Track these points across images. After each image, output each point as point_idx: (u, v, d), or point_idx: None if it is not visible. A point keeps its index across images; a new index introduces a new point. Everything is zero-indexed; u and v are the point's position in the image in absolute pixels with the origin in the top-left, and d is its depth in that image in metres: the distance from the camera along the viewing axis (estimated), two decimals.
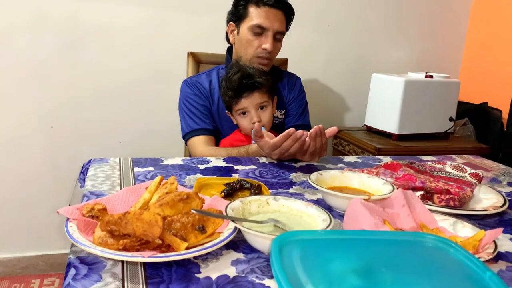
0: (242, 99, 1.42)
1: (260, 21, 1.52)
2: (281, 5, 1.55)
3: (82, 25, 1.96)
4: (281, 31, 1.56)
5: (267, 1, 1.52)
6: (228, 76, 1.45)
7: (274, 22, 1.52)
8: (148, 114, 2.12)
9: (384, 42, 2.41)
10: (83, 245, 0.65)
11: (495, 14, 2.33)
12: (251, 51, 1.54)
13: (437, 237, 0.61)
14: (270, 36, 1.52)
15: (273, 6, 1.53)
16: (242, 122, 1.46)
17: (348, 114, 2.43)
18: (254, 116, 1.43)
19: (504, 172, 1.32)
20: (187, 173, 1.11)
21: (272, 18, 1.52)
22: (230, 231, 0.71)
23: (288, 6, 1.58)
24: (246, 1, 1.55)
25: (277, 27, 1.53)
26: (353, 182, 0.99)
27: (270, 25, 1.52)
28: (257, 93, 1.42)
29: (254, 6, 1.53)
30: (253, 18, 1.53)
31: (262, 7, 1.52)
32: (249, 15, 1.54)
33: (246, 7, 1.55)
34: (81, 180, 1.12)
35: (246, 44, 1.55)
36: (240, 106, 1.43)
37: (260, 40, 1.53)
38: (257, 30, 1.52)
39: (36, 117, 2.00)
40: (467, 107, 2.30)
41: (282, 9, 1.55)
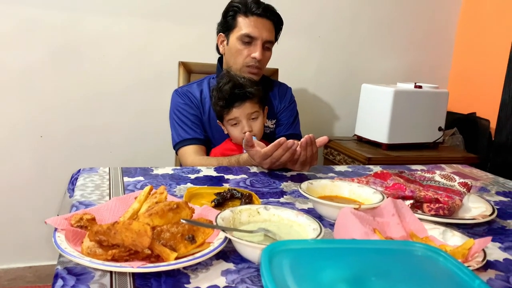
0: (233, 109, 1.42)
1: (248, 30, 1.53)
2: (269, 15, 1.56)
3: (73, 34, 1.96)
4: (270, 40, 1.57)
5: (255, 10, 1.53)
6: (219, 86, 1.45)
7: (262, 31, 1.53)
8: (139, 123, 2.12)
9: (374, 53, 2.43)
10: (71, 255, 0.64)
11: (482, 25, 2.37)
12: (240, 60, 1.55)
13: (426, 246, 0.61)
14: (259, 45, 1.53)
15: (262, 16, 1.54)
16: (233, 132, 1.46)
17: (339, 123, 2.45)
18: (245, 125, 1.43)
19: (493, 181, 1.34)
20: (177, 183, 1.11)
21: (260, 27, 1.53)
22: (220, 241, 0.71)
23: (276, 15, 1.59)
24: (235, 12, 1.56)
25: (265, 36, 1.54)
26: (343, 191, 0.99)
27: (258, 34, 1.53)
28: (248, 103, 1.43)
29: (242, 16, 1.54)
30: (242, 27, 1.54)
31: (250, 16, 1.53)
32: (238, 25, 1.55)
33: (234, 17, 1.56)
34: (70, 190, 1.11)
35: (235, 53, 1.56)
36: (231, 116, 1.43)
37: (249, 49, 1.54)
38: (246, 39, 1.53)
39: (25, 126, 1.98)
40: (456, 117, 2.33)
41: (270, 19, 1.56)
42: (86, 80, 2.02)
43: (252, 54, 1.53)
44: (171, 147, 1.59)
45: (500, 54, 2.13)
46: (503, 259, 0.79)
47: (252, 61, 1.54)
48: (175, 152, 1.58)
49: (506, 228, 0.94)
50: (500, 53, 2.14)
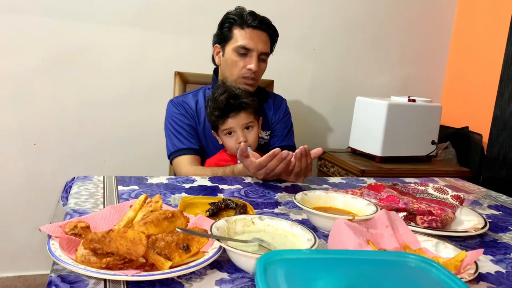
0: (229, 119, 1.43)
1: (244, 42, 1.54)
2: (265, 27, 1.58)
3: (68, 43, 1.97)
4: (266, 52, 1.59)
5: (251, 22, 1.55)
6: (214, 96, 1.46)
7: (258, 43, 1.55)
8: (134, 132, 2.12)
9: (368, 66, 2.46)
10: (65, 263, 0.64)
11: (475, 40, 2.41)
12: (236, 71, 1.56)
13: (419, 257, 0.62)
14: (255, 57, 1.55)
15: (257, 28, 1.56)
16: (228, 142, 1.46)
17: (333, 136, 2.46)
18: (240, 136, 1.43)
19: (485, 195, 1.35)
20: (172, 192, 1.11)
21: (256, 39, 1.55)
22: (215, 251, 0.71)
23: (272, 27, 1.61)
24: (231, 23, 1.57)
25: (261, 48, 1.56)
26: (337, 203, 0.99)
27: (254, 46, 1.55)
28: (243, 114, 1.44)
29: (238, 28, 1.56)
30: (238, 39, 1.55)
31: (246, 28, 1.55)
32: (234, 37, 1.56)
33: (230, 29, 1.57)
34: (63, 198, 1.11)
35: (231, 65, 1.57)
36: (227, 126, 1.44)
37: (245, 61, 1.55)
38: (241, 51, 1.55)
39: (18, 134, 1.97)
40: (449, 131, 2.35)
41: (266, 31, 1.58)
42: (81, 89, 2.02)
43: (247, 65, 1.55)
44: (165, 157, 1.59)
45: (493, 69, 2.16)
46: (494, 271, 0.79)
47: (248, 73, 1.56)
48: (170, 162, 1.58)
49: (498, 241, 0.95)
50: (493, 68, 2.17)
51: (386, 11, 2.42)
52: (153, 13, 2.05)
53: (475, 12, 2.42)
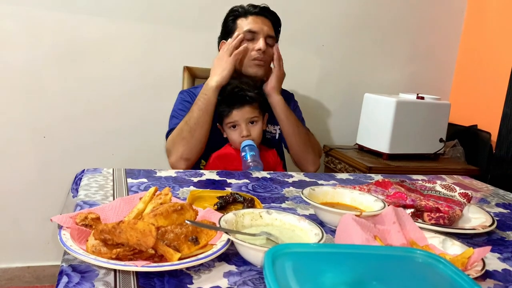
0: (233, 112, 1.45)
1: (249, 26, 1.57)
2: (267, 13, 1.61)
3: (77, 36, 1.98)
4: (271, 35, 1.60)
5: (253, 10, 1.60)
6: (222, 89, 1.48)
7: (263, 26, 1.58)
8: (142, 127, 2.13)
9: (377, 63, 2.45)
10: (76, 253, 0.65)
11: (485, 38, 2.39)
12: (246, 56, 1.57)
13: (427, 253, 0.62)
14: (262, 38, 1.56)
15: (259, 14, 1.60)
16: (232, 135, 1.47)
17: (340, 132, 2.46)
18: (243, 129, 1.45)
19: (493, 193, 1.35)
20: (181, 186, 1.12)
21: (260, 23, 1.58)
22: (223, 243, 0.72)
23: (273, 14, 1.63)
24: (235, 16, 1.61)
25: (266, 31, 1.58)
26: (345, 198, 1.00)
27: (259, 28, 1.57)
28: (248, 107, 1.45)
29: (241, 18, 1.60)
30: (243, 26, 1.58)
31: (249, 16, 1.59)
32: (239, 26, 1.59)
33: (234, 21, 1.61)
34: (73, 190, 1.12)
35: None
36: (231, 119, 1.45)
37: (252, 44, 1.57)
38: (248, 35, 1.57)
39: (28, 127, 1.99)
40: (457, 129, 2.34)
41: (268, 17, 1.61)
42: (90, 83, 2.03)
43: (256, 47, 1.56)
44: None
45: (503, 68, 2.15)
46: (501, 269, 0.79)
47: (257, 54, 1.56)
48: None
49: (505, 240, 0.95)
50: (503, 67, 2.15)
51: (395, 7, 2.40)
52: (162, 8, 2.06)
53: (485, 10, 2.40)
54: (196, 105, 1.48)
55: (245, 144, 1.42)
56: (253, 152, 1.39)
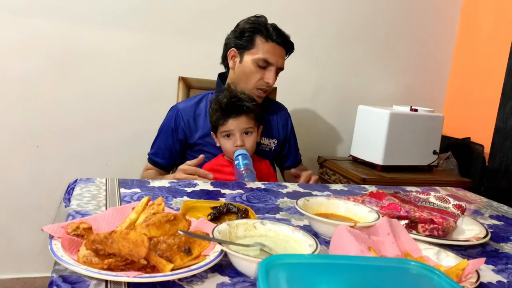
0: (229, 120, 1.44)
1: (267, 56, 1.55)
2: (286, 44, 1.60)
3: (72, 46, 1.98)
4: (282, 68, 1.62)
5: (276, 38, 1.56)
6: (218, 98, 1.47)
7: (279, 59, 1.58)
8: (137, 137, 2.12)
9: (371, 75, 2.47)
10: (67, 263, 0.64)
11: (478, 50, 2.42)
12: (253, 82, 1.57)
13: (421, 264, 0.62)
14: (273, 71, 1.57)
15: (280, 44, 1.57)
16: (226, 144, 1.47)
17: (335, 144, 2.46)
18: (238, 139, 1.44)
19: (486, 205, 1.35)
20: (174, 196, 1.11)
21: (278, 55, 1.57)
22: (216, 254, 0.71)
23: (292, 46, 1.63)
24: (253, 32, 1.56)
25: (280, 64, 1.59)
26: (339, 209, 0.99)
27: (275, 61, 1.56)
28: (244, 117, 1.45)
29: (262, 40, 1.56)
30: (260, 51, 1.55)
31: (270, 42, 1.56)
32: (256, 47, 1.56)
33: (253, 38, 1.56)
34: (66, 199, 1.11)
35: (249, 74, 1.57)
36: (226, 127, 1.45)
37: (263, 73, 1.56)
38: (262, 64, 1.56)
39: (21, 136, 1.98)
40: (450, 141, 2.35)
41: (286, 48, 1.61)
42: (85, 92, 2.03)
43: (265, 79, 1.56)
44: None
45: (495, 80, 2.17)
46: (496, 281, 0.79)
47: (264, 85, 1.58)
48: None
49: (499, 251, 0.95)
50: (495, 79, 2.17)
51: (389, 20, 2.43)
52: (158, 18, 2.07)
53: (478, 23, 2.44)
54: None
55: (239, 153, 1.41)
56: (246, 161, 1.38)
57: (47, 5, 1.91)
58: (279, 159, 1.76)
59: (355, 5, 2.36)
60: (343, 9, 2.34)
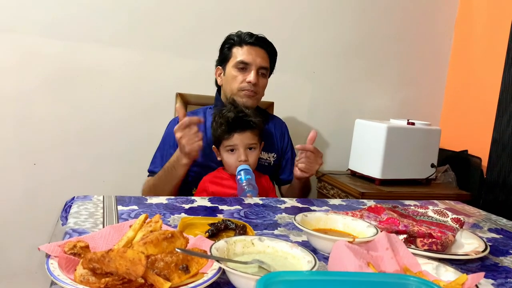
0: (235, 135, 1.44)
1: (243, 57, 1.60)
2: (262, 43, 1.64)
3: (69, 63, 1.99)
4: (264, 66, 1.63)
5: (248, 40, 1.61)
6: (222, 112, 1.48)
7: (256, 58, 1.60)
8: (134, 153, 2.12)
9: (367, 89, 2.48)
10: (64, 283, 0.63)
11: (473, 63, 2.44)
12: (235, 85, 1.60)
13: (420, 280, 0.62)
14: (254, 70, 1.59)
15: (254, 44, 1.62)
16: (228, 159, 1.46)
17: (332, 158, 2.46)
18: (242, 154, 1.44)
19: (485, 218, 1.35)
20: (171, 213, 1.10)
21: (254, 54, 1.61)
22: (214, 272, 0.71)
23: (269, 44, 1.66)
24: (230, 44, 1.64)
25: (259, 62, 1.61)
26: (337, 225, 0.99)
27: (252, 60, 1.60)
28: (249, 133, 1.45)
29: (237, 47, 1.63)
30: (237, 56, 1.61)
31: (244, 46, 1.62)
32: (233, 55, 1.62)
33: (230, 49, 1.64)
34: (63, 217, 1.11)
35: (231, 80, 1.61)
36: (231, 142, 1.44)
37: (244, 75, 1.60)
38: (240, 65, 1.60)
39: (18, 153, 1.97)
40: (448, 154, 2.35)
41: (263, 47, 1.64)
42: (82, 109, 2.03)
43: (246, 79, 1.58)
44: None
45: (491, 93, 2.18)
46: None
47: (247, 86, 1.59)
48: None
49: (498, 265, 0.94)
50: (491, 92, 2.19)
51: (385, 35, 2.45)
52: (155, 35, 2.08)
53: (473, 36, 2.46)
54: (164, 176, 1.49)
55: (241, 168, 1.40)
56: (249, 176, 1.38)
57: (44, 22, 1.93)
58: (276, 172, 1.76)
59: (352, 20, 2.38)
60: (340, 24, 2.37)
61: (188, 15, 2.12)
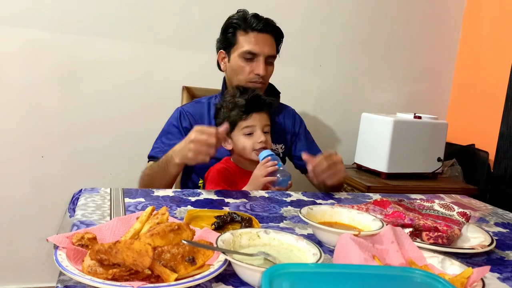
0: (253, 115, 1.38)
1: (250, 47, 1.51)
2: (269, 29, 1.54)
3: (77, 57, 2.00)
4: (272, 55, 1.56)
5: (255, 26, 1.51)
6: (234, 95, 1.42)
7: (264, 47, 1.52)
8: (141, 146, 2.12)
9: (374, 83, 2.47)
10: (72, 273, 0.64)
11: (481, 57, 2.42)
12: (243, 77, 1.53)
13: (425, 273, 0.62)
14: (262, 61, 1.51)
15: (262, 31, 1.52)
16: (246, 142, 1.38)
17: (338, 151, 2.42)
18: (261, 135, 1.37)
19: (492, 212, 1.34)
20: (178, 205, 1.11)
21: (262, 43, 1.52)
22: (220, 264, 0.71)
23: (277, 29, 1.57)
24: (234, 28, 1.54)
25: (267, 51, 1.53)
26: (343, 218, 0.99)
27: (260, 50, 1.51)
28: (265, 113, 1.41)
29: (242, 32, 1.53)
30: (243, 44, 1.52)
31: (250, 32, 1.52)
32: (239, 42, 1.53)
33: (234, 34, 1.54)
34: (70, 209, 1.12)
35: (237, 70, 1.54)
36: (249, 123, 1.38)
37: (251, 66, 1.52)
38: (247, 56, 1.51)
39: (26, 146, 1.99)
40: (455, 148, 2.34)
41: (271, 33, 1.55)
42: (89, 102, 2.05)
43: (255, 71, 1.52)
44: None
45: (499, 87, 2.17)
46: None
47: (255, 78, 1.52)
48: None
49: (505, 259, 0.94)
50: (499, 86, 2.17)
51: (392, 28, 2.44)
52: (161, 28, 2.09)
53: (481, 29, 2.44)
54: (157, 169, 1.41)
55: (267, 154, 1.33)
56: (279, 162, 1.32)
57: (52, 16, 1.94)
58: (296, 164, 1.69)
59: (358, 14, 2.37)
60: (347, 18, 2.35)
61: (194, 8, 2.12)
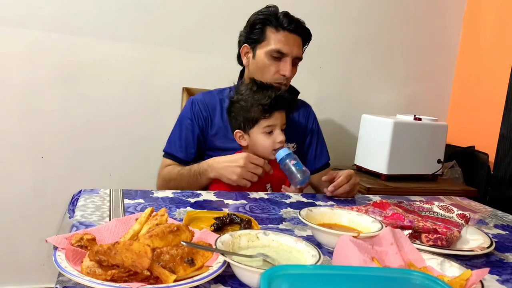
0: (275, 114, 1.35)
1: (279, 46, 1.47)
2: (300, 31, 1.51)
3: (77, 58, 2.00)
4: (299, 57, 1.53)
5: (287, 26, 1.48)
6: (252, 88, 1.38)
7: (293, 48, 1.49)
8: (141, 147, 2.13)
9: (374, 85, 2.47)
10: (71, 274, 0.64)
11: (481, 59, 2.42)
12: (268, 76, 1.49)
13: (424, 275, 0.62)
14: (289, 62, 1.48)
15: (293, 32, 1.49)
16: (265, 141, 1.35)
17: (338, 153, 2.45)
18: (280, 134, 1.35)
19: (491, 214, 1.34)
20: (177, 206, 1.11)
21: (291, 44, 1.48)
22: (219, 265, 0.71)
23: (306, 30, 1.54)
24: (264, 24, 1.50)
25: (296, 53, 1.50)
26: (342, 219, 0.99)
27: (289, 50, 1.47)
28: (284, 112, 1.38)
29: (273, 30, 1.48)
30: (272, 42, 1.48)
31: (281, 31, 1.48)
32: (267, 39, 1.49)
33: (263, 30, 1.49)
34: (70, 210, 1.12)
35: (262, 68, 1.50)
36: (271, 122, 1.35)
37: (278, 65, 1.48)
38: (275, 54, 1.47)
39: (26, 147, 1.99)
40: (455, 150, 2.34)
41: (301, 35, 1.52)
42: (89, 103, 2.04)
43: (281, 71, 1.48)
44: None
45: (499, 88, 2.17)
46: None
47: (281, 78, 1.49)
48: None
49: (504, 261, 0.94)
50: (499, 87, 2.17)
51: (392, 30, 2.44)
52: (162, 29, 2.09)
53: (481, 31, 2.44)
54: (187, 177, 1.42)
55: (286, 153, 1.32)
56: (299, 162, 1.31)
57: (53, 17, 1.94)
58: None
59: (359, 15, 2.37)
60: (347, 19, 2.35)
61: (195, 10, 2.12)
